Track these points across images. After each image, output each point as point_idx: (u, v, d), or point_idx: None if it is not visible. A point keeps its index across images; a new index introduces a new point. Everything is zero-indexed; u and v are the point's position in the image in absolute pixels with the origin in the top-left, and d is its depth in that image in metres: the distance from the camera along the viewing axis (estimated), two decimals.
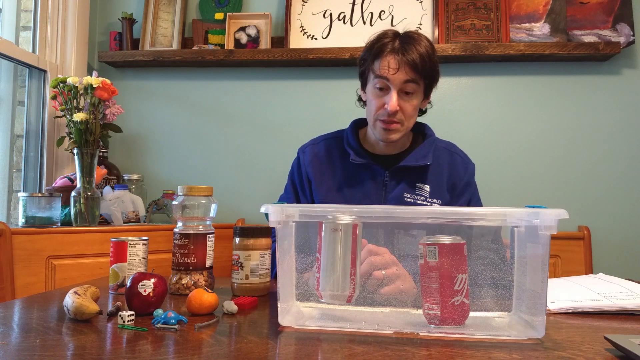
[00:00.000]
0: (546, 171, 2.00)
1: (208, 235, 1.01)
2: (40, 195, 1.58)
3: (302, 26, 2.10)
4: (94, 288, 0.86)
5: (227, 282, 1.10)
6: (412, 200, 1.23)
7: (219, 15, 2.15)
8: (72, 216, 1.65)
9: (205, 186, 1.02)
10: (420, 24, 2.05)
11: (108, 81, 1.70)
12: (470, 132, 2.04)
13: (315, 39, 2.09)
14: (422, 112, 1.32)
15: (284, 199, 1.35)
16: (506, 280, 0.77)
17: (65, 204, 1.69)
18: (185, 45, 2.17)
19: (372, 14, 2.09)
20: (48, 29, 2.02)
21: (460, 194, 1.29)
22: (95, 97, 1.68)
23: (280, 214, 0.74)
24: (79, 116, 1.64)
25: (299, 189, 1.34)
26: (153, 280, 0.81)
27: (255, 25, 2.12)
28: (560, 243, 1.89)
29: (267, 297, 0.97)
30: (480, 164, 1.55)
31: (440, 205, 1.25)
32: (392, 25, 2.06)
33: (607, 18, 1.97)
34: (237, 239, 0.98)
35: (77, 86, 1.68)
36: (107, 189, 1.82)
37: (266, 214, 0.75)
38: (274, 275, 1.09)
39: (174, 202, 1.01)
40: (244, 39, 2.12)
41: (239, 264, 0.97)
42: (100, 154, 2.01)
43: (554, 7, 2.00)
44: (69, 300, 0.76)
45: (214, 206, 1.02)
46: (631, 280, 1.03)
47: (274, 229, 0.75)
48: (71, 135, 1.68)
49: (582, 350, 0.65)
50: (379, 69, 1.17)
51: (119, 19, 2.18)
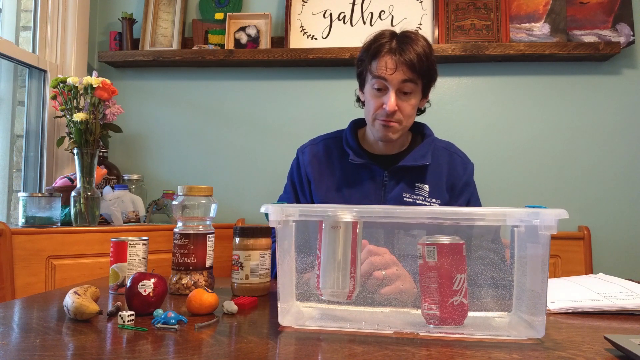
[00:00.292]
0: (546, 171, 2.00)
1: (208, 235, 1.01)
2: (40, 195, 1.58)
3: (302, 26, 2.10)
4: (94, 288, 0.86)
5: (227, 282, 1.10)
6: (412, 200, 1.24)
7: (219, 15, 2.15)
8: (72, 216, 1.65)
9: (205, 186, 1.02)
10: (420, 24, 2.05)
11: (108, 81, 1.70)
12: (470, 132, 2.04)
13: (315, 39, 2.09)
14: (421, 112, 1.32)
15: (283, 199, 1.35)
16: (506, 280, 0.77)
17: (65, 204, 1.69)
18: (185, 45, 2.17)
19: (372, 14, 2.09)
20: (48, 29, 2.02)
21: (459, 193, 1.29)
22: (95, 97, 1.68)
23: (280, 214, 0.74)
24: (79, 116, 1.64)
25: (298, 189, 1.34)
26: (153, 280, 0.81)
27: (255, 25, 2.12)
28: (560, 243, 1.89)
29: (267, 297, 0.97)
30: (480, 164, 1.55)
31: (440, 205, 1.25)
32: (392, 25, 2.06)
33: (607, 18, 1.97)
34: (237, 239, 0.98)
35: (77, 86, 1.68)
36: (107, 189, 1.82)
37: (266, 214, 0.75)
38: (274, 275, 1.09)
39: (174, 202, 1.01)
40: (244, 39, 2.12)
41: (239, 264, 0.97)
42: (100, 154, 2.01)
43: (554, 7, 2.00)
44: (69, 300, 0.76)
45: (214, 206, 1.02)
46: (631, 280, 1.04)
47: (274, 229, 0.75)
48: (71, 135, 1.68)
49: (582, 350, 0.65)
50: (377, 70, 1.17)
51: (119, 19, 2.18)
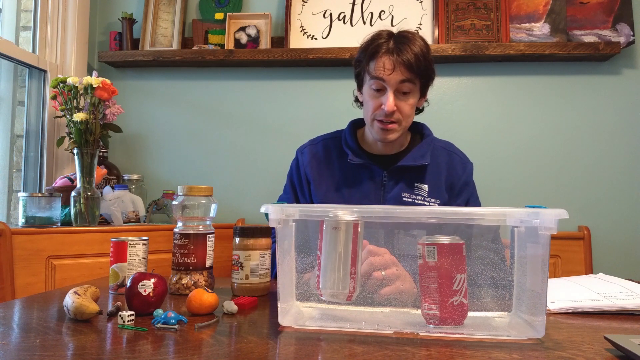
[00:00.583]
0: (546, 171, 2.00)
1: (208, 235, 1.01)
2: (40, 195, 1.58)
3: (302, 26, 2.10)
4: (94, 288, 0.86)
5: (227, 282, 1.10)
6: (411, 200, 1.24)
7: (219, 15, 2.15)
8: (72, 216, 1.65)
9: (205, 186, 1.02)
10: (420, 24, 2.05)
11: (108, 81, 1.70)
12: (470, 132, 2.04)
13: (315, 39, 2.09)
14: (420, 111, 1.32)
15: (283, 199, 1.35)
16: (506, 280, 0.77)
17: (65, 204, 1.69)
18: (185, 45, 2.17)
19: (372, 14, 2.09)
20: (48, 29, 2.02)
21: (458, 193, 1.29)
22: (95, 97, 1.68)
23: (280, 214, 0.74)
24: (79, 116, 1.64)
25: (297, 189, 1.34)
26: (153, 280, 0.81)
27: (255, 25, 2.12)
28: (560, 243, 1.89)
29: (267, 297, 0.97)
30: (480, 164, 1.55)
31: (439, 204, 1.25)
32: (392, 25, 2.06)
33: (607, 18, 1.97)
34: (237, 239, 0.98)
35: (77, 86, 1.68)
36: (107, 189, 1.82)
37: (266, 214, 0.75)
38: (274, 275, 1.09)
39: (174, 202, 1.01)
40: (244, 39, 2.12)
41: (239, 264, 0.97)
42: (100, 154, 2.01)
43: (554, 7, 2.00)
44: (69, 300, 0.76)
45: (214, 206, 1.02)
46: (631, 280, 1.04)
47: (274, 229, 0.75)
48: (71, 135, 1.68)
49: (582, 350, 0.65)
50: (375, 70, 1.17)
51: (119, 19, 2.18)
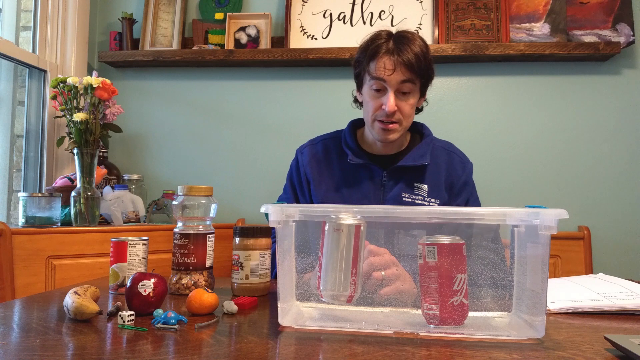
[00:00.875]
0: (546, 171, 2.00)
1: (208, 235, 1.01)
2: (40, 195, 1.57)
3: (302, 26, 2.10)
4: (94, 288, 0.86)
5: (227, 282, 1.10)
6: (411, 200, 1.24)
7: (219, 15, 2.15)
8: (72, 216, 1.65)
9: (205, 186, 1.02)
10: (420, 24, 2.05)
11: (108, 81, 1.70)
12: (470, 132, 2.04)
13: (315, 39, 2.09)
14: (419, 110, 1.32)
15: (282, 199, 1.35)
16: (506, 280, 0.77)
17: (65, 204, 1.69)
18: (185, 45, 2.17)
19: (372, 14, 2.09)
20: (48, 29, 2.02)
21: (458, 193, 1.29)
22: (95, 97, 1.68)
23: (280, 214, 0.74)
24: (79, 116, 1.64)
25: (297, 189, 1.34)
26: (153, 280, 0.81)
27: (255, 25, 2.12)
28: (560, 243, 1.89)
29: (267, 297, 0.97)
30: (480, 164, 1.55)
31: (439, 204, 1.25)
32: (392, 25, 2.06)
33: (607, 18, 1.97)
34: (237, 239, 0.98)
35: (77, 86, 1.68)
36: (107, 189, 1.82)
37: (266, 214, 0.75)
38: (274, 275, 1.09)
39: (174, 202, 1.01)
40: (244, 39, 2.12)
41: (239, 264, 0.97)
42: (100, 154, 2.01)
43: (554, 7, 2.00)
44: (69, 300, 0.76)
45: (214, 206, 1.02)
46: (631, 280, 1.04)
47: (274, 229, 0.75)
48: (71, 135, 1.68)
49: (582, 350, 0.65)
50: (375, 71, 1.17)
51: (119, 19, 2.18)
